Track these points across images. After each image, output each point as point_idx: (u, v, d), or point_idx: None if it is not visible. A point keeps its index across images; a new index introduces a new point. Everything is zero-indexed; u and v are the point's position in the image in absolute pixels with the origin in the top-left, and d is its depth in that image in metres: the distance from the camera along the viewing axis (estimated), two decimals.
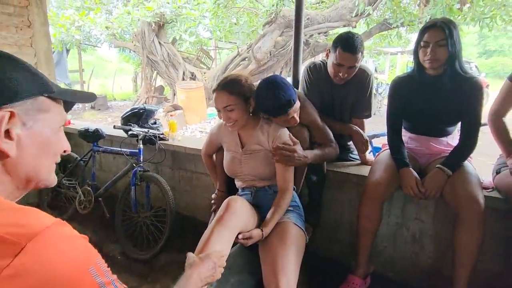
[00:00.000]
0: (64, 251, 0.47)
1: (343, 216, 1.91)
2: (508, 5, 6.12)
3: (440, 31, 1.37)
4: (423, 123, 1.60)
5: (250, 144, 1.47)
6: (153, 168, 2.64)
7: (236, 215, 1.23)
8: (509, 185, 1.39)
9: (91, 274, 0.48)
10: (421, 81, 1.51)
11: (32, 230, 0.45)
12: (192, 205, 2.54)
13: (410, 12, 7.27)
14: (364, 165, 1.91)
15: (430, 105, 1.51)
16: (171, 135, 2.51)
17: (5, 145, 0.51)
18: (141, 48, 8.25)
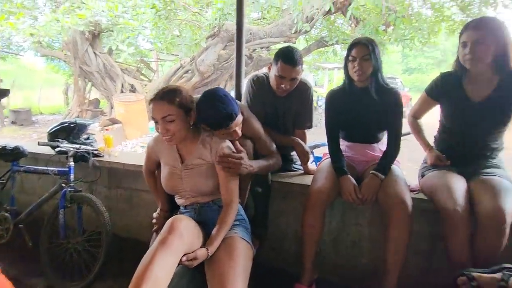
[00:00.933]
0: None
1: (289, 226, 1.93)
2: (423, 29, 7.03)
3: (365, 48, 1.57)
4: (357, 132, 1.75)
5: (191, 158, 1.41)
6: (86, 187, 2.40)
7: (181, 237, 1.16)
8: (431, 187, 1.54)
9: None
10: (351, 92, 1.68)
11: None
12: (133, 225, 2.36)
13: (343, 32, 7.94)
14: (307, 174, 1.97)
15: (361, 115, 1.68)
16: (106, 150, 2.32)
17: None
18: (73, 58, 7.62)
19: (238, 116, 1.41)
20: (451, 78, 1.58)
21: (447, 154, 1.61)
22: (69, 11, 6.23)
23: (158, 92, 1.36)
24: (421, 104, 1.72)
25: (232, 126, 1.39)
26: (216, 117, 1.35)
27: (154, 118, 1.33)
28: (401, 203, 1.46)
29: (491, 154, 1.56)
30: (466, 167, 1.55)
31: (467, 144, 1.56)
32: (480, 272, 1.23)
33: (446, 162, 1.59)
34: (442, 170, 1.56)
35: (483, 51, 1.40)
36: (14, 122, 9.31)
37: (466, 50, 1.43)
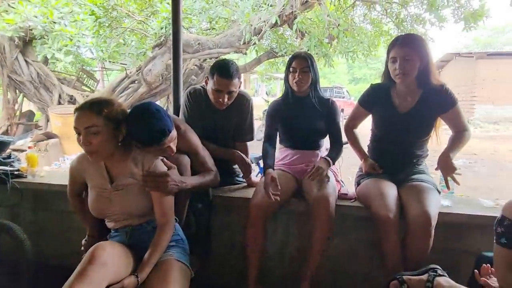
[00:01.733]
0: None
1: (234, 240, 1.87)
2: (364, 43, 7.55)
3: (305, 60, 1.71)
4: (300, 138, 1.84)
5: (121, 177, 1.30)
6: (6, 213, 2.12)
7: (103, 266, 1.05)
8: (365, 195, 1.60)
9: None
10: (292, 102, 1.79)
11: None
12: (64, 251, 2.12)
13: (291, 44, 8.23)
14: (250, 187, 1.94)
15: (302, 122, 1.78)
16: (30, 170, 2.07)
17: None
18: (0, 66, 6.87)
19: (172, 131, 1.33)
20: (380, 89, 1.67)
21: (379, 162, 1.70)
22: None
23: (86, 102, 1.25)
24: (355, 114, 1.80)
25: (165, 142, 1.31)
26: (148, 133, 1.27)
27: (76, 129, 1.20)
28: (324, 201, 1.54)
29: (417, 161, 1.67)
30: (396, 174, 1.64)
31: (396, 152, 1.66)
32: (409, 274, 1.29)
33: (379, 170, 1.67)
34: (375, 178, 1.64)
35: (411, 67, 1.49)
36: None
37: (396, 65, 1.51)
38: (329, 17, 6.78)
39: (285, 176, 1.73)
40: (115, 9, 6.52)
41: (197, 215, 1.66)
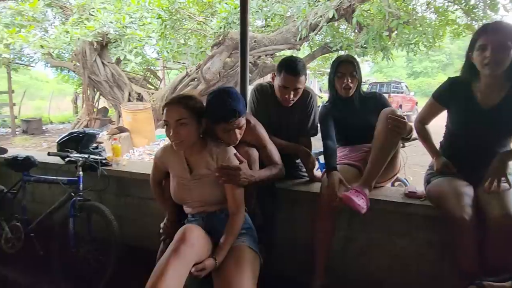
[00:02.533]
0: None
1: (297, 234, 1.93)
2: (427, 34, 7.01)
3: (352, 65, 1.77)
4: (356, 137, 1.86)
5: (199, 168, 1.43)
6: (96, 197, 2.44)
7: (192, 247, 1.18)
8: (438, 194, 1.53)
9: None
10: (341, 104, 1.85)
11: None
12: (142, 234, 2.38)
13: (347, 38, 7.97)
14: (312, 181, 1.97)
15: (356, 120, 1.82)
16: (115, 160, 2.36)
17: None
18: (82, 68, 7.78)
19: (242, 117, 1.42)
20: (460, 83, 1.56)
21: (453, 160, 1.60)
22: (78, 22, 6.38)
23: (174, 97, 1.40)
24: (428, 110, 1.71)
25: (233, 123, 1.39)
26: (221, 109, 1.37)
27: (166, 121, 1.35)
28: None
29: None
30: (473, 173, 1.53)
31: (474, 151, 1.55)
32: (490, 281, 1.21)
33: (453, 170, 1.58)
34: (449, 177, 1.56)
35: (505, 55, 1.36)
36: (25, 131, 9.49)
37: (486, 53, 1.37)
38: (389, 8, 6.42)
39: (349, 170, 1.74)
40: (178, 11, 6.95)
41: (263, 207, 1.75)
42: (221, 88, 1.44)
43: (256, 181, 1.48)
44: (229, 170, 1.37)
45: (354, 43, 7.38)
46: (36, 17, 7.10)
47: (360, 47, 7.15)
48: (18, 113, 10.47)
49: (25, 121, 9.76)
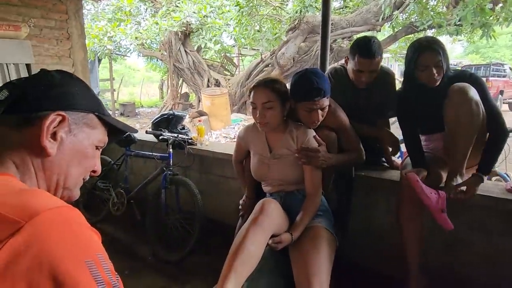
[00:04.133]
0: (63, 235, 0.44)
1: (372, 222, 1.88)
2: None
3: (437, 54, 1.44)
4: (433, 123, 1.61)
5: (279, 148, 1.49)
6: (182, 172, 2.72)
7: (270, 218, 1.26)
8: None
9: (87, 266, 0.43)
10: (422, 93, 1.56)
11: (33, 210, 0.43)
12: (220, 209, 2.59)
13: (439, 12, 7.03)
14: (392, 169, 1.88)
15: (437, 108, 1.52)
16: (199, 140, 2.58)
17: (48, 144, 0.56)
18: (168, 56, 8.53)
19: (326, 97, 1.42)
20: None
21: None
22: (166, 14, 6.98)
23: (261, 80, 1.46)
24: None
25: (316, 103, 1.39)
26: (307, 87, 1.38)
27: (254, 103, 1.41)
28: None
29: None
30: None
31: None
32: None
33: None
34: None
35: None
36: (122, 114, 10.89)
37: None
38: None
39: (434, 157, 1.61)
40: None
41: (339, 192, 1.74)
42: (308, 68, 1.45)
43: (334, 164, 1.49)
44: (309, 151, 1.40)
45: (446, 20, 6.53)
46: (132, 11, 7.97)
47: (453, 24, 6.30)
48: (117, 97, 12.06)
49: (122, 105, 11.19)
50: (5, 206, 0.43)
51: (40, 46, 3.09)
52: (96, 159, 0.67)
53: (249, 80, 7.84)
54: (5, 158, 0.55)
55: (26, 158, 0.56)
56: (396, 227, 1.77)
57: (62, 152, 0.58)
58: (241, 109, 8.29)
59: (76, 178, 0.63)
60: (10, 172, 0.55)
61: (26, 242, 0.41)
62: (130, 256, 2.37)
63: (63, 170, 0.60)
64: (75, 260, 0.43)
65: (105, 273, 0.45)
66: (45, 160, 0.57)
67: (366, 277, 1.76)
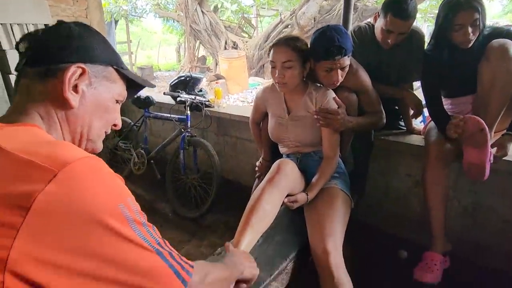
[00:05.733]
0: (97, 182, 0.46)
1: (389, 186, 1.87)
2: None
3: (475, 12, 1.32)
4: (461, 86, 1.54)
5: (297, 110, 1.46)
6: (199, 134, 2.75)
7: (286, 177, 1.26)
8: None
9: (120, 209, 0.47)
10: (453, 53, 1.45)
11: (66, 159, 0.45)
12: (236, 170, 2.64)
13: None
14: (411, 134, 1.83)
15: (468, 69, 1.44)
16: (216, 102, 2.57)
17: (70, 96, 0.57)
18: (184, 17, 8.31)
19: (347, 56, 1.34)
20: None
21: None
22: None
23: (281, 38, 1.39)
24: None
25: (336, 63, 1.33)
26: (327, 45, 1.31)
27: (273, 62, 1.36)
28: None
29: None
30: None
31: None
32: None
33: None
34: None
35: None
36: None
37: None
38: None
39: None
40: None
41: (357, 155, 1.72)
42: (330, 25, 1.37)
43: (354, 127, 1.45)
44: (328, 113, 1.36)
45: None
46: None
47: None
48: (135, 61, 12.03)
49: (140, 68, 11.19)
50: (38, 155, 0.45)
51: (57, 6, 3.06)
52: (116, 113, 0.68)
53: (267, 42, 7.58)
54: (31, 109, 0.57)
55: (51, 110, 0.58)
56: (415, 192, 1.77)
57: (84, 104, 0.60)
58: (259, 73, 8.12)
59: (98, 131, 0.65)
60: (36, 123, 0.56)
61: (61, 189, 0.43)
62: (152, 213, 2.50)
63: (86, 122, 0.62)
64: (108, 205, 0.46)
65: (135, 214, 0.49)
66: (68, 113, 0.59)
67: (381, 240, 1.79)
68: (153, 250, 0.49)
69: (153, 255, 0.49)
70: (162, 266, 0.50)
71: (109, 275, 0.44)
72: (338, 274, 1.12)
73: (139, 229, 0.49)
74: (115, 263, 0.45)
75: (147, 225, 0.51)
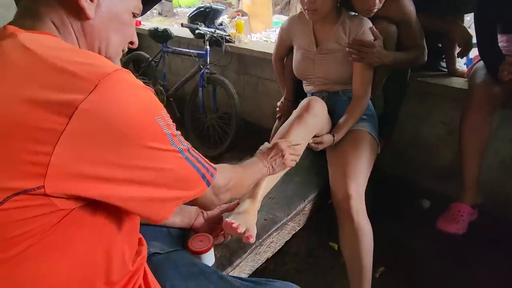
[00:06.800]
0: (134, 94, 0.46)
1: (419, 133, 1.74)
2: None
3: None
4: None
5: (327, 42, 1.30)
6: (219, 72, 2.63)
7: (315, 116, 1.16)
8: None
9: (157, 122, 0.48)
10: None
11: (103, 70, 0.44)
12: (257, 111, 2.56)
13: None
14: (453, 76, 1.64)
15: None
16: (237, 36, 2.39)
17: (86, 4, 0.52)
18: None
19: None
20: None
21: None
22: None
23: None
24: None
25: None
26: None
27: None
28: None
29: None
30: None
31: None
32: None
33: None
34: None
35: None
36: (160, 13, 10.47)
37: None
38: None
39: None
40: None
41: (387, 98, 1.57)
42: None
43: (390, 63, 1.29)
44: (362, 46, 1.20)
45: None
46: None
47: None
48: None
49: (160, 4, 10.68)
50: (75, 64, 0.44)
51: None
52: (133, 27, 0.64)
53: None
54: (45, 15, 0.52)
55: (65, 20, 0.53)
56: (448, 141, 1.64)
57: (101, 16, 0.56)
58: (284, 10, 7.53)
59: (116, 47, 0.61)
60: (52, 32, 0.52)
61: (102, 100, 0.42)
62: None
63: (104, 36, 0.58)
64: (148, 117, 0.47)
65: (170, 126, 0.50)
66: (85, 24, 0.55)
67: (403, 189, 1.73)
68: (183, 158, 0.53)
69: (184, 162, 0.53)
70: (192, 172, 0.55)
71: (147, 179, 0.48)
72: (359, 219, 1.08)
73: (174, 140, 0.51)
74: (154, 170, 0.48)
75: (179, 135, 0.53)
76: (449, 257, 1.44)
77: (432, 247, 1.47)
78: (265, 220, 1.00)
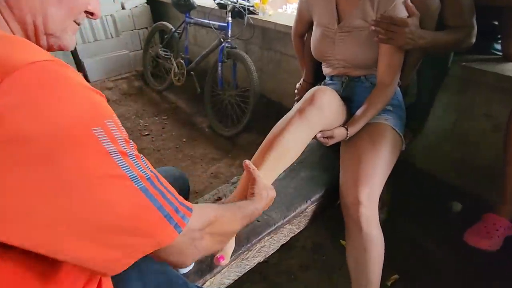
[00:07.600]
0: (57, 96, 0.34)
1: (456, 126, 1.51)
2: None
3: None
4: None
5: (351, 18, 1.11)
6: (242, 47, 2.48)
7: (320, 110, 1.00)
8: None
9: (95, 135, 0.35)
10: None
11: (13, 63, 0.33)
12: (279, 90, 2.40)
13: None
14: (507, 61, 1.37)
15: None
16: (261, 7, 2.20)
17: None
18: None
19: None
20: None
21: None
22: None
23: None
24: None
25: None
26: None
27: None
28: None
29: None
30: None
31: None
32: None
33: None
34: None
35: None
36: None
37: None
38: None
39: None
40: None
41: (421, 84, 1.35)
42: None
43: (427, 46, 1.06)
44: (391, 24, 1.00)
45: None
46: None
47: None
48: None
49: None
50: None
51: None
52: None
53: None
54: None
55: None
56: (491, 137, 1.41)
57: None
58: None
59: (60, 22, 0.48)
60: None
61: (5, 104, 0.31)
62: (189, 126, 2.47)
63: (36, 8, 0.45)
64: (79, 129, 0.35)
65: (117, 142, 0.38)
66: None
67: (431, 188, 1.54)
68: (136, 188, 0.39)
69: (138, 194, 0.40)
70: (150, 209, 0.40)
71: (84, 217, 0.35)
72: (369, 228, 0.94)
73: (124, 161, 0.38)
74: (90, 206, 0.36)
75: (137, 156, 0.41)
76: (476, 273, 1.26)
77: (457, 258, 1.30)
78: (258, 221, 0.90)
